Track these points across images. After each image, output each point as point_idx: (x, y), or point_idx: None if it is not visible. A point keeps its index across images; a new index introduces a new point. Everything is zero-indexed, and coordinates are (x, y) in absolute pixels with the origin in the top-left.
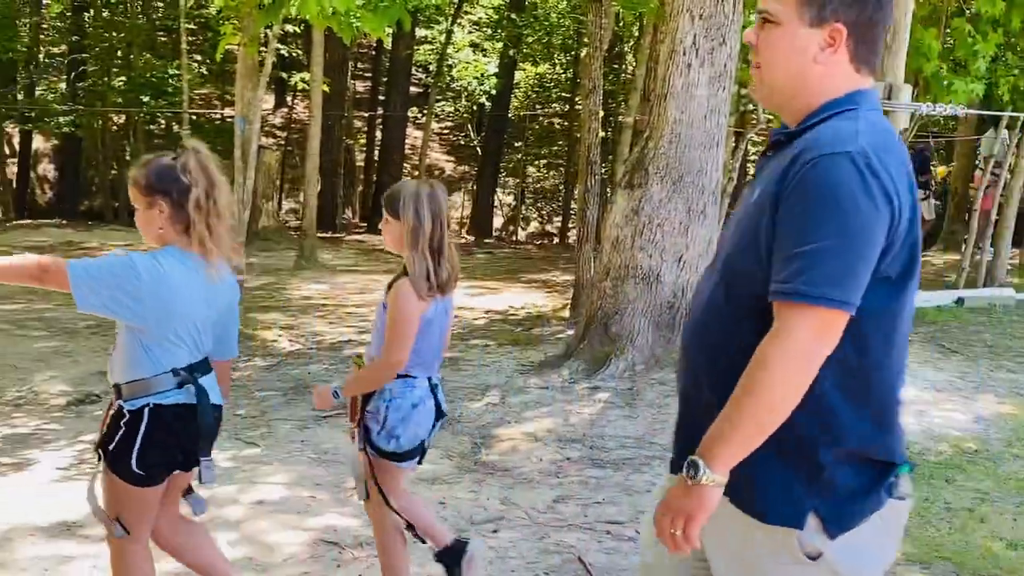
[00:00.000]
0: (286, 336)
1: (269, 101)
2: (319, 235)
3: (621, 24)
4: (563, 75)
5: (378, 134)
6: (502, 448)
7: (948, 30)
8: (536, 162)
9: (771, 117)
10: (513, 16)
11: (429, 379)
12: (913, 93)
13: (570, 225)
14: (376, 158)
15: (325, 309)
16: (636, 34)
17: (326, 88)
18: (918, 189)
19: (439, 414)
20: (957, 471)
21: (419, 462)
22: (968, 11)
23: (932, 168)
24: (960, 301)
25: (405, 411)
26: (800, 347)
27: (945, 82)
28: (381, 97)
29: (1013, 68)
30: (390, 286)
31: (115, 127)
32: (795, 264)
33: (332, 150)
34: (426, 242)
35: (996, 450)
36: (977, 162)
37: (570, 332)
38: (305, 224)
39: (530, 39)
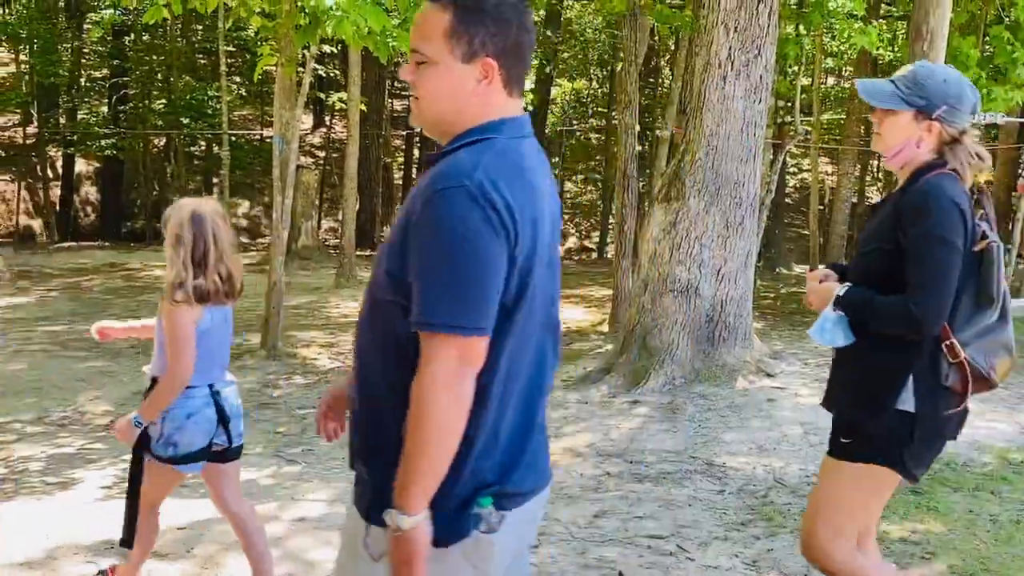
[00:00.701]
0: (326, 354)
1: (308, 121)
2: (358, 253)
3: (657, 38)
4: (599, 90)
5: (415, 152)
6: None
7: (987, 38)
8: (574, 177)
9: (809, 128)
10: (548, 33)
11: (211, 386)
12: None
13: (608, 240)
14: (414, 176)
15: None
16: (672, 47)
17: (363, 107)
18: None
19: (223, 418)
20: (1003, 483)
21: (227, 460)
22: (1007, 19)
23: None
24: None
25: (180, 421)
26: (447, 376)
27: (985, 90)
28: None
29: None
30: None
31: (156, 149)
32: (428, 295)
33: (370, 168)
34: (187, 254)
35: None
36: (1020, 170)
37: (609, 346)
38: (344, 242)
39: (566, 55)
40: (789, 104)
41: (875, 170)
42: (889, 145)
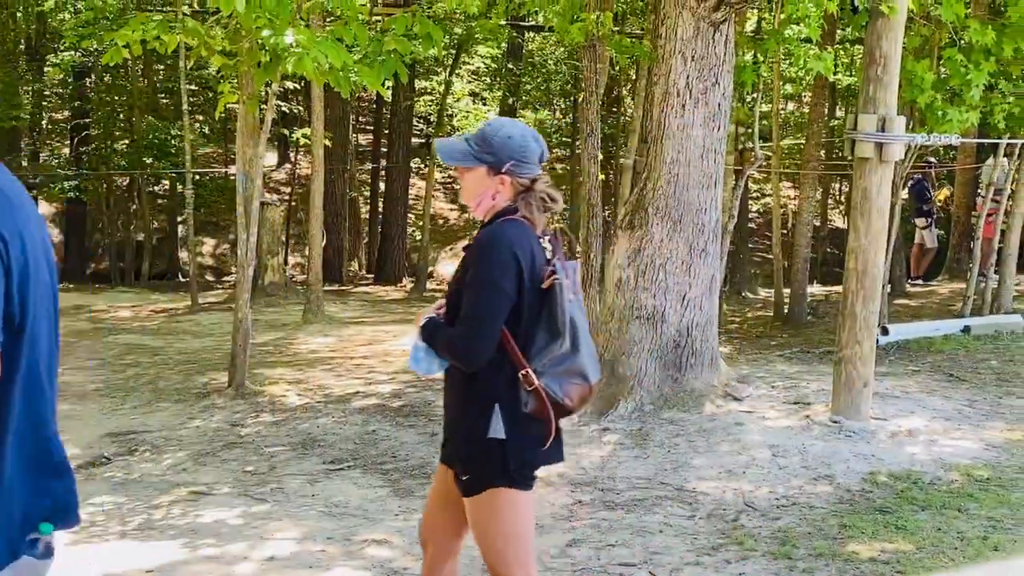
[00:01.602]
0: (294, 390)
1: (272, 157)
2: (325, 288)
3: (618, 68)
4: (563, 120)
5: (382, 186)
6: None
7: (941, 61)
8: None
9: (770, 154)
10: (510, 65)
11: None
12: (909, 124)
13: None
14: (380, 210)
15: (333, 362)
16: (633, 77)
17: (328, 142)
18: (919, 218)
19: None
20: (969, 500)
21: None
22: (961, 41)
23: (931, 195)
24: (967, 329)
25: None
26: None
27: (940, 112)
28: (384, 149)
29: (1007, 96)
30: None
31: (119, 190)
32: None
33: (336, 203)
34: None
35: (1008, 477)
36: (979, 190)
37: None
38: (311, 278)
39: (528, 86)
40: (749, 130)
41: (837, 193)
42: (470, 198)
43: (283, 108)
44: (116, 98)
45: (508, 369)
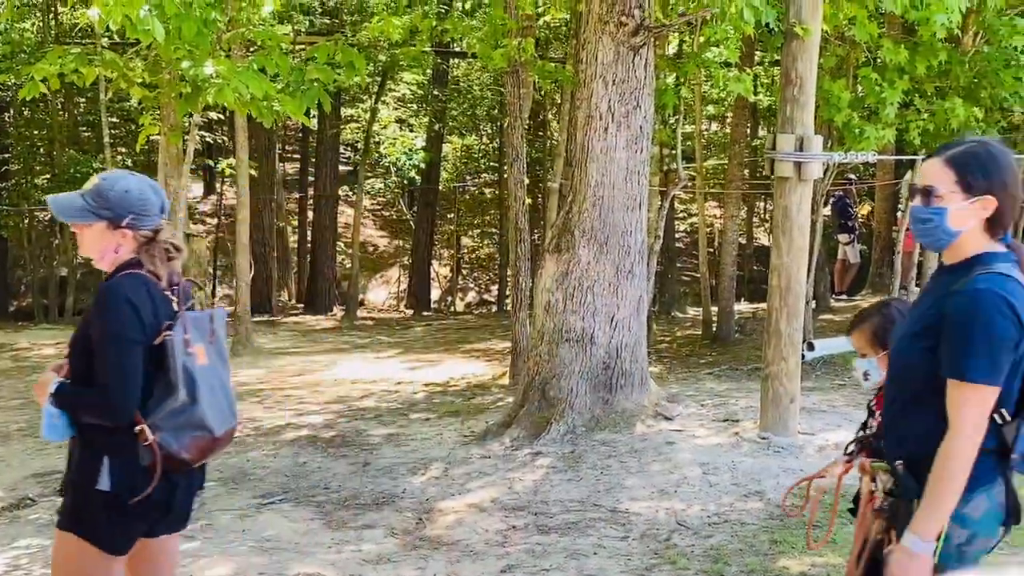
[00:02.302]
0: None
1: (199, 188)
2: (255, 319)
3: (543, 92)
4: (490, 145)
5: (310, 214)
6: (447, 521)
7: (857, 80)
8: (470, 232)
9: (694, 174)
10: (436, 91)
11: None
12: (827, 143)
13: (507, 292)
14: (310, 238)
15: (263, 394)
16: (558, 100)
17: (254, 172)
18: (842, 234)
19: None
20: None
21: None
22: (875, 60)
23: (854, 211)
24: None
25: None
26: None
27: (857, 130)
28: (311, 177)
29: (922, 113)
30: None
31: (41, 225)
32: None
33: (264, 233)
34: None
35: None
36: (899, 205)
37: (510, 399)
38: (239, 310)
39: (455, 112)
40: (673, 151)
41: (762, 211)
42: (92, 253)
43: (207, 138)
44: (36, 132)
45: (125, 424)
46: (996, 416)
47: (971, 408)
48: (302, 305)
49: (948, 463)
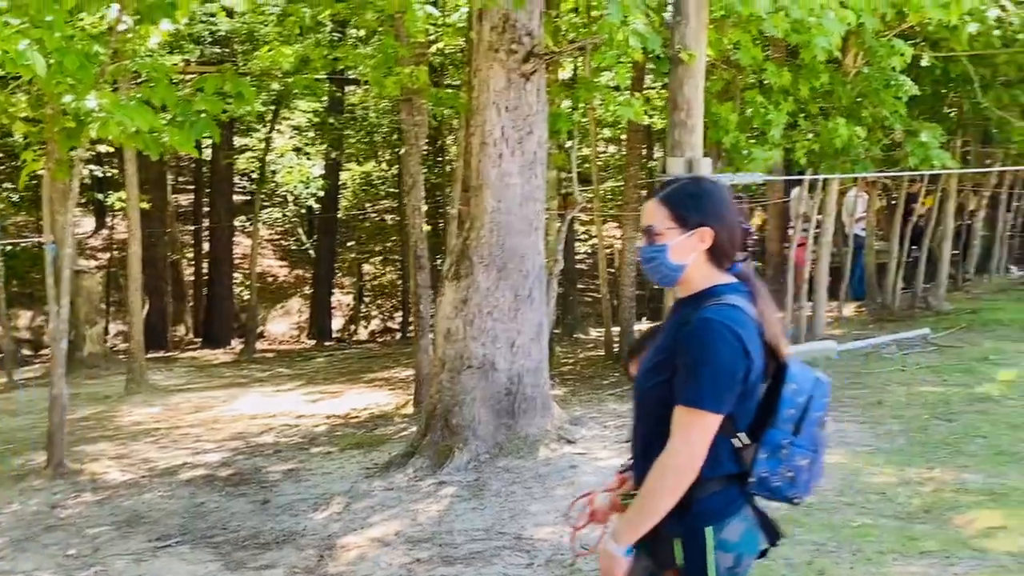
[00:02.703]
0: (117, 466)
1: (90, 223)
2: (149, 356)
3: (441, 118)
4: (389, 172)
5: (206, 246)
6: (350, 557)
7: (743, 103)
8: (371, 259)
9: (591, 196)
10: (332, 120)
11: None
12: (716, 164)
13: (410, 319)
14: (206, 271)
15: (158, 433)
16: (456, 126)
17: (145, 205)
18: None
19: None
20: (794, 524)
21: None
22: (761, 83)
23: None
24: None
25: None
26: None
27: (745, 151)
28: (206, 208)
29: (806, 133)
30: None
31: None
32: None
33: (158, 267)
34: None
35: (829, 501)
36: (790, 223)
37: (413, 429)
38: (132, 347)
39: (352, 139)
40: (570, 175)
41: None
42: None
43: (96, 172)
44: None
45: None
46: (734, 441)
47: (692, 431)
48: (199, 339)
49: (660, 479)
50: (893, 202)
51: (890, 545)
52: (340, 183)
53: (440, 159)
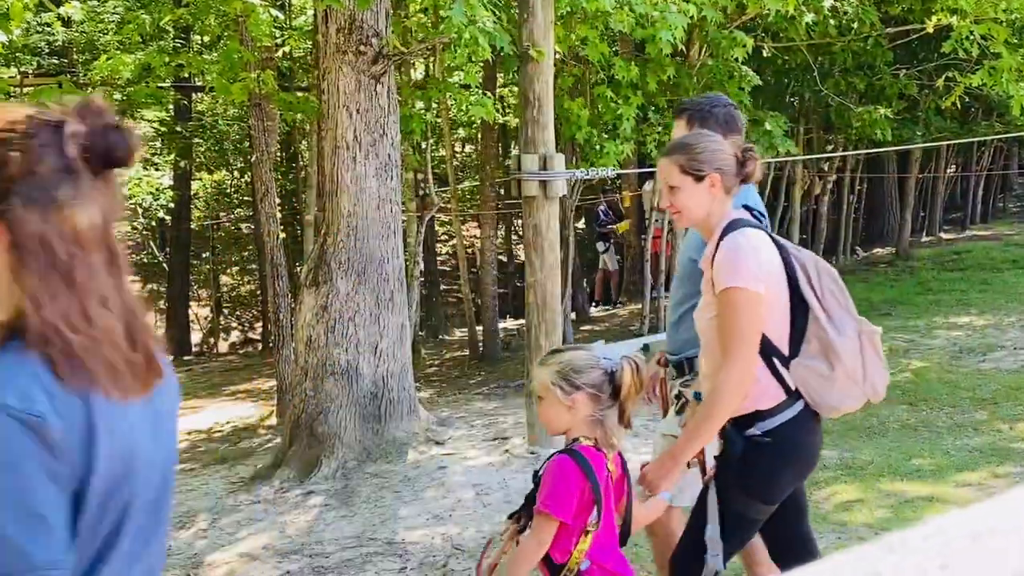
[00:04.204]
0: None
1: None
2: None
3: (293, 123)
4: (241, 180)
5: None
6: (218, 575)
7: (594, 98)
8: (228, 270)
9: (449, 197)
10: (179, 128)
11: None
12: (571, 160)
13: (271, 329)
14: None
15: None
16: (307, 130)
17: None
18: (600, 242)
19: None
20: None
21: None
22: (610, 78)
23: (608, 219)
24: (646, 348)
25: None
26: None
27: (598, 146)
28: None
29: (656, 126)
30: None
31: None
32: None
33: None
34: None
35: None
36: (645, 214)
37: (279, 440)
38: None
39: (202, 148)
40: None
41: (519, 229)
42: None
43: None
44: None
45: None
46: None
47: None
48: None
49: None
50: None
51: None
52: (192, 193)
53: (294, 165)
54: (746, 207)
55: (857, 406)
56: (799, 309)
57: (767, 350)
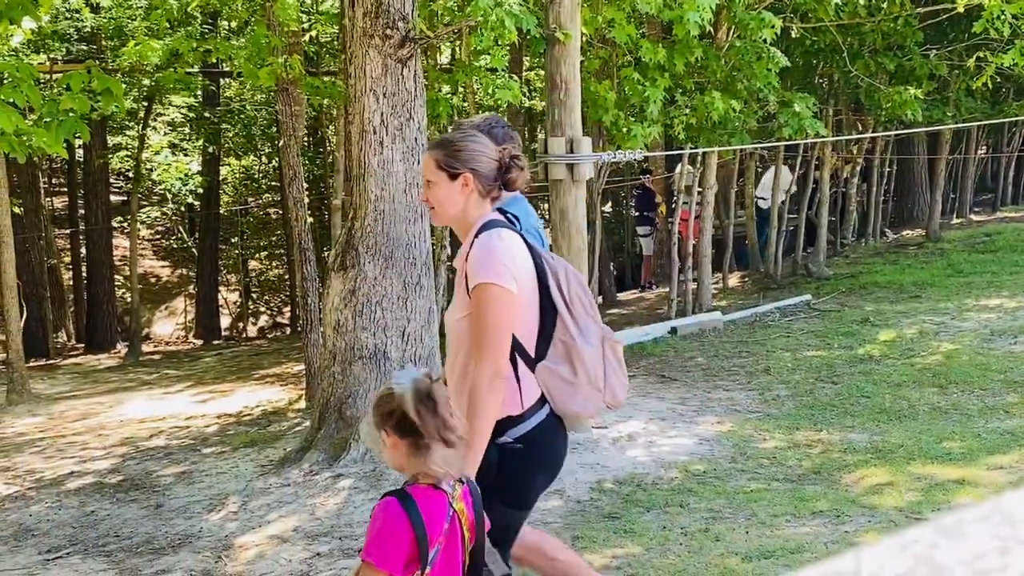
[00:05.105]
0: (0, 480)
1: None
2: (30, 364)
3: (320, 107)
4: (269, 164)
5: (84, 249)
6: (248, 556)
7: (620, 81)
8: (257, 255)
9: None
10: (207, 114)
11: None
12: (598, 143)
13: (299, 313)
14: (85, 274)
15: (43, 443)
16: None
17: (17, 210)
18: (644, 226)
19: None
20: (689, 494)
21: None
22: (637, 60)
23: (657, 205)
24: (674, 331)
25: None
26: None
27: (624, 129)
28: (82, 211)
29: (683, 108)
30: None
31: None
32: None
33: (34, 273)
34: None
35: (723, 468)
36: (674, 197)
37: (307, 423)
38: (11, 356)
39: (230, 133)
40: None
41: (546, 212)
42: None
43: None
44: None
45: None
46: None
47: None
48: (82, 345)
49: None
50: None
51: (783, 508)
52: (220, 178)
53: (321, 150)
54: (501, 210)
55: (596, 413)
56: (548, 313)
57: (516, 351)
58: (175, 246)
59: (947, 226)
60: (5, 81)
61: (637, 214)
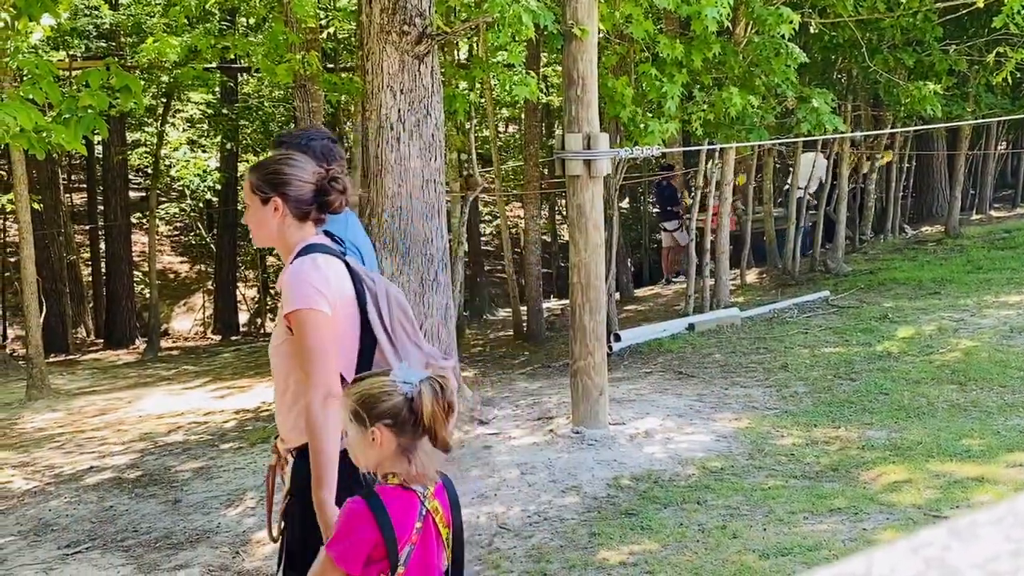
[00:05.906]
0: (20, 474)
1: None
2: (50, 360)
3: (337, 104)
4: None
5: (103, 245)
6: (265, 552)
7: (638, 76)
8: (275, 251)
9: (492, 177)
10: (225, 110)
11: None
12: (616, 139)
13: None
14: (104, 270)
15: (62, 438)
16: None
17: (37, 205)
18: (672, 221)
19: None
20: (707, 491)
21: None
22: (655, 56)
23: (680, 197)
24: (691, 327)
25: None
26: None
27: (642, 125)
28: (100, 207)
29: (701, 103)
30: None
31: None
32: None
33: (54, 269)
34: None
35: (740, 465)
36: (692, 192)
37: None
38: (31, 351)
39: (248, 129)
40: (471, 157)
41: (563, 209)
42: None
43: None
44: None
45: None
46: None
47: None
48: (101, 340)
49: None
50: (790, 168)
51: (801, 505)
52: (239, 175)
53: (340, 146)
54: (327, 232)
55: None
56: (367, 338)
57: None
58: (193, 242)
59: (966, 222)
60: (25, 78)
61: (658, 210)
